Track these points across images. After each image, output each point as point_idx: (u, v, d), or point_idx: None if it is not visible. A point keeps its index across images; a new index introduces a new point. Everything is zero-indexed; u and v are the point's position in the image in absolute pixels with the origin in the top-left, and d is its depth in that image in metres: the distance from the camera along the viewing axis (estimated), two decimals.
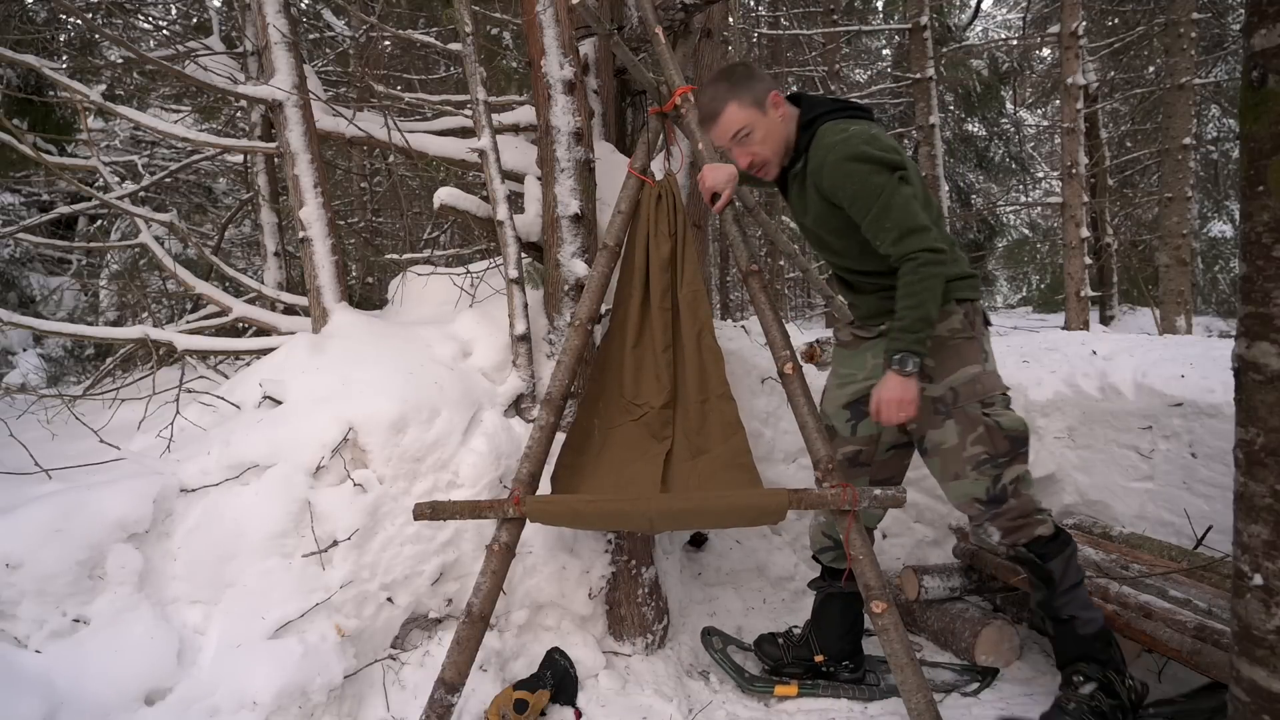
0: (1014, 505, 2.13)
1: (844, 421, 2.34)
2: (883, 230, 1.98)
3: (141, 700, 1.98)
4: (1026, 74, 13.07)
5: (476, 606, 2.16)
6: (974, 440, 2.11)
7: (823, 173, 2.04)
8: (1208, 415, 2.74)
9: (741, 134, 2.12)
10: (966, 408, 2.12)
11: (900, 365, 1.99)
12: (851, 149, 1.98)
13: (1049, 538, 2.15)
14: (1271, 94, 1.34)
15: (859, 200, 1.99)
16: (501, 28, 5.27)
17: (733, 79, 2.13)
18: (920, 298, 1.96)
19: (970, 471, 2.12)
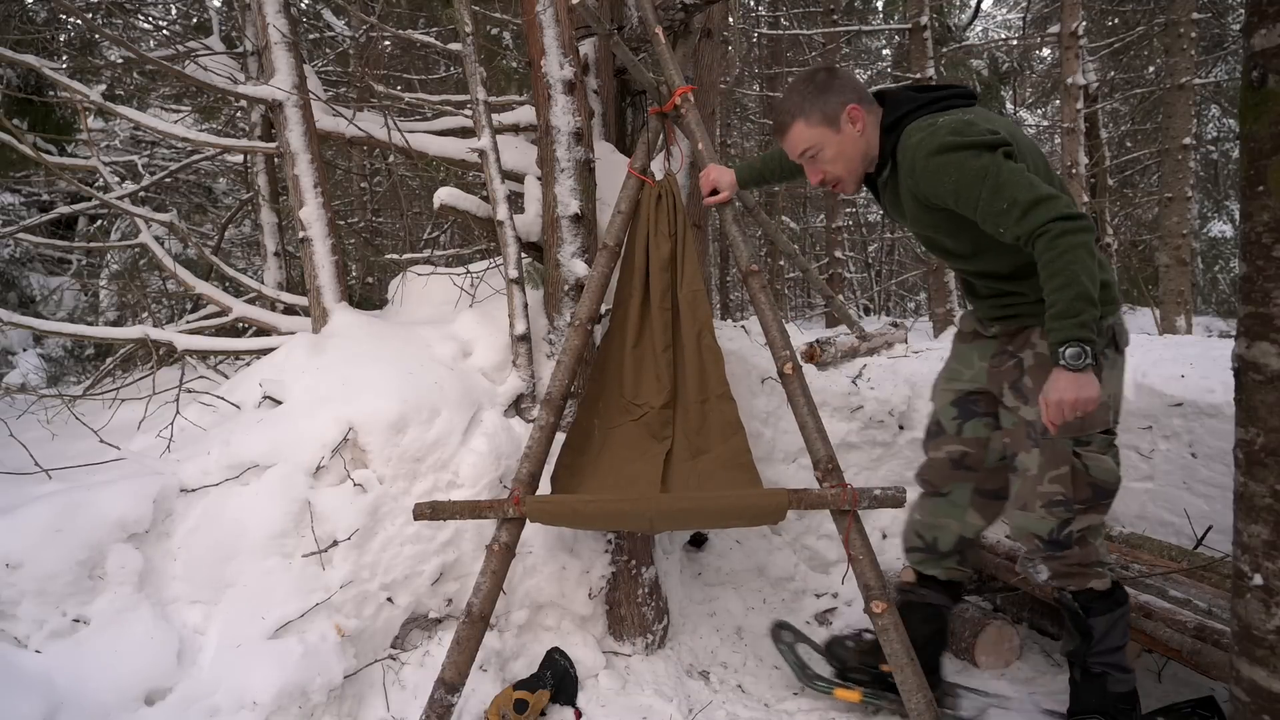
0: (1075, 553, 1.97)
1: (950, 419, 2.22)
2: (1001, 214, 1.71)
3: (141, 700, 1.97)
4: (1026, 74, 13.07)
5: (476, 606, 2.16)
6: (1053, 478, 1.94)
7: (916, 177, 1.85)
8: (1208, 415, 2.74)
9: (808, 154, 1.99)
10: (1056, 441, 1.92)
11: (1070, 360, 1.69)
12: (939, 141, 1.78)
13: (1101, 593, 2.00)
14: (1271, 94, 1.34)
15: (963, 192, 1.76)
16: (501, 28, 5.27)
17: (805, 91, 1.96)
18: (1068, 274, 1.65)
19: (1040, 508, 1.96)
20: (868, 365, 3.55)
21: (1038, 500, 1.96)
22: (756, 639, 2.90)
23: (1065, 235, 1.65)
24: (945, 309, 8.91)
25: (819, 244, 13.52)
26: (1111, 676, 2.03)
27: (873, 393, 3.30)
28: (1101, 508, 1.97)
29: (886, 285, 13.99)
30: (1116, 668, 2.03)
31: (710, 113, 3.75)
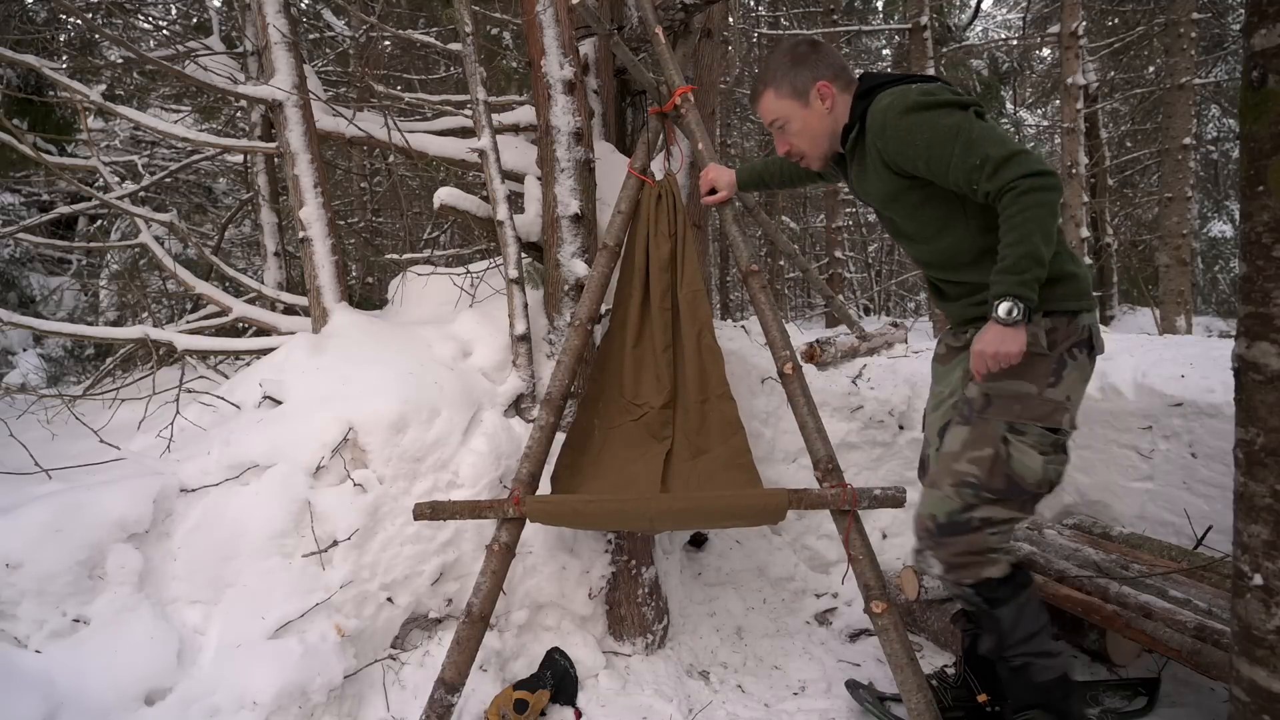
0: (963, 540, 1.82)
1: (935, 450, 2.08)
2: (974, 170, 1.67)
3: (141, 700, 1.97)
4: (1026, 74, 13.07)
5: (476, 606, 2.16)
6: (972, 459, 1.82)
7: (885, 135, 1.79)
8: (1208, 415, 2.74)
9: (776, 124, 1.99)
10: (991, 420, 1.82)
11: (1002, 314, 1.66)
12: (910, 100, 1.75)
13: (1000, 579, 1.84)
14: (1271, 94, 1.34)
15: (935, 150, 1.71)
16: (501, 28, 5.27)
17: (781, 62, 1.95)
18: (1023, 230, 1.62)
19: (949, 486, 1.84)
20: (868, 365, 3.54)
21: (948, 479, 1.84)
22: (756, 639, 2.90)
23: (1032, 192, 1.62)
24: None
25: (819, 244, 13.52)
26: (1035, 665, 1.89)
27: (873, 393, 3.30)
28: (1013, 504, 1.82)
29: (886, 285, 13.99)
30: (1038, 654, 1.90)
31: (710, 113, 3.75)
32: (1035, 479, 1.81)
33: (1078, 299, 1.82)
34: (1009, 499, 1.81)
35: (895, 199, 1.91)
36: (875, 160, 1.87)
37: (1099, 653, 2.63)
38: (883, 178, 1.89)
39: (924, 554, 1.89)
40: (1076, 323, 1.82)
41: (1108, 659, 2.61)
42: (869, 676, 2.63)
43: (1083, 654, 2.72)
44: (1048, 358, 1.80)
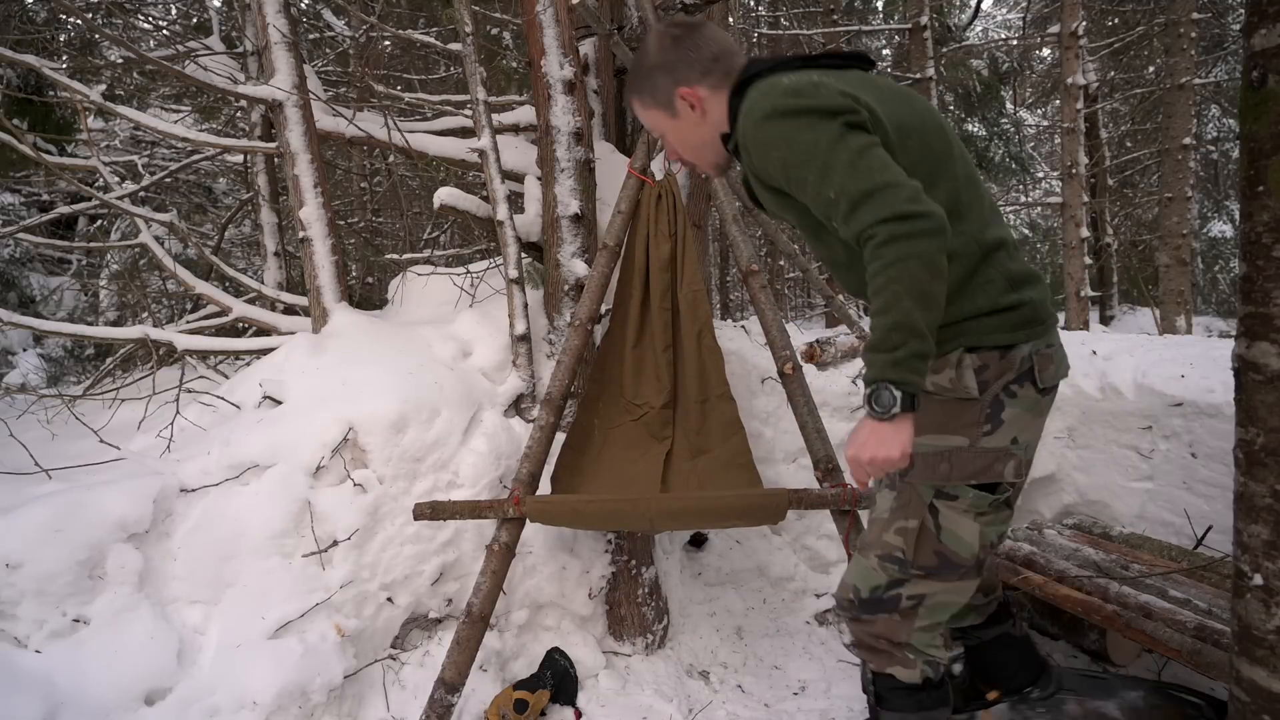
0: (883, 622, 1.58)
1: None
2: (829, 205, 1.35)
3: (141, 700, 1.97)
4: (1026, 74, 13.06)
5: (476, 606, 2.16)
6: (899, 529, 1.54)
7: (745, 145, 1.47)
8: (1208, 415, 2.74)
9: (656, 134, 1.66)
10: (917, 485, 1.52)
11: (875, 403, 1.32)
12: (770, 104, 1.39)
13: (907, 687, 1.60)
14: (1271, 94, 1.34)
15: (791, 170, 1.39)
16: (501, 28, 5.27)
17: (641, 67, 1.59)
18: (888, 295, 1.27)
19: (875, 558, 1.58)
20: None
21: (876, 549, 1.58)
22: (756, 639, 2.90)
23: (893, 242, 1.26)
24: None
25: None
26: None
27: None
28: (951, 578, 1.55)
29: None
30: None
31: None
32: (971, 553, 1.53)
33: (1013, 329, 1.48)
34: (944, 576, 1.55)
35: (788, 212, 1.57)
36: (748, 169, 1.56)
37: (1099, 653, 2.63)
38: (759, 188, 1.57)
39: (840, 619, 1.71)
40: (1012, 356, 1.48)
41: (1108, 659, 2.61)
42: None
43: (1083, 654, 2.72)
44: (977, 402, 1.48)
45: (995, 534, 1.56)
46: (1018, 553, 2.66)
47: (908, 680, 1.60)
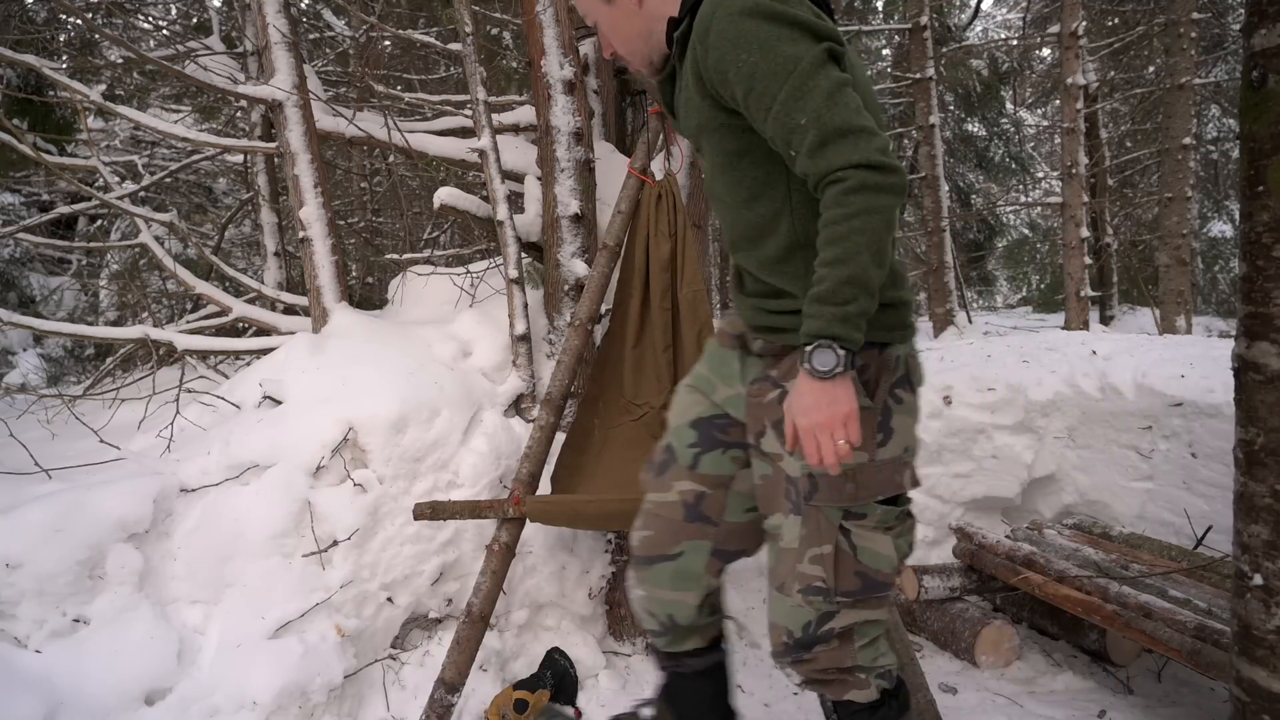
0: (824, 654, 1.49)
1: (686, 445, 1.61)
2: (795, 130, 1.22)
3: (141, 700, 1.98)
4: (1026, 74, 13.06)
5: (476, 606, 2.16)
6: (814, 558, 1.43)
7: (708, 42, 1.28)
8: (1208, 415, 2.74)
9: (590, 22, 1.52)
10: (824, 509, 1.41)
11: (816, 361, 1.20)
12: (743, 13, 1.25)
13: (866, 706, 1.52)
14: (1271, 94, 1.34)
15: (759, 81, 1.24)
16: (501, 28, 5.28)
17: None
18: (848, 245, 1.18)
19: (797, 593, 1.46)
20: None
21: (795, 583, 1.46)
22: (756, 639, 2.90)
23: (864, 191, 1.17)
24: (945, 309, 8.91)
25: None
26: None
27: None
28: (874, 602, 1.47)
29: None
30: None
31: None
32: (892, 567, 1.46)
33: (890, 329, 1.38)
34: (870, 598, 1.46)
35: (708, 133, 1.42)
36: (691, 74, 1.36)
37: (1099, 653, 2.64)
38: (695, 98, 1.39)
39: (785, 667, 1.57)
40: (888, 356, 1.39)
41: (1108, 659, 2.61)
42: None
43: (1083, 654, 2.72)
44: (871, 410, 1.37)
45: (906, 544, 1.49)
46: (1018, 553, 2.66)
47: (866, 700, 1.53)
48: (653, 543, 1.65)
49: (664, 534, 1.64)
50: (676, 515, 1.62)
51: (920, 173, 9.27)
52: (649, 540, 1.66)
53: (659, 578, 1.65)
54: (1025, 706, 2.40)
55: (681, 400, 1.67)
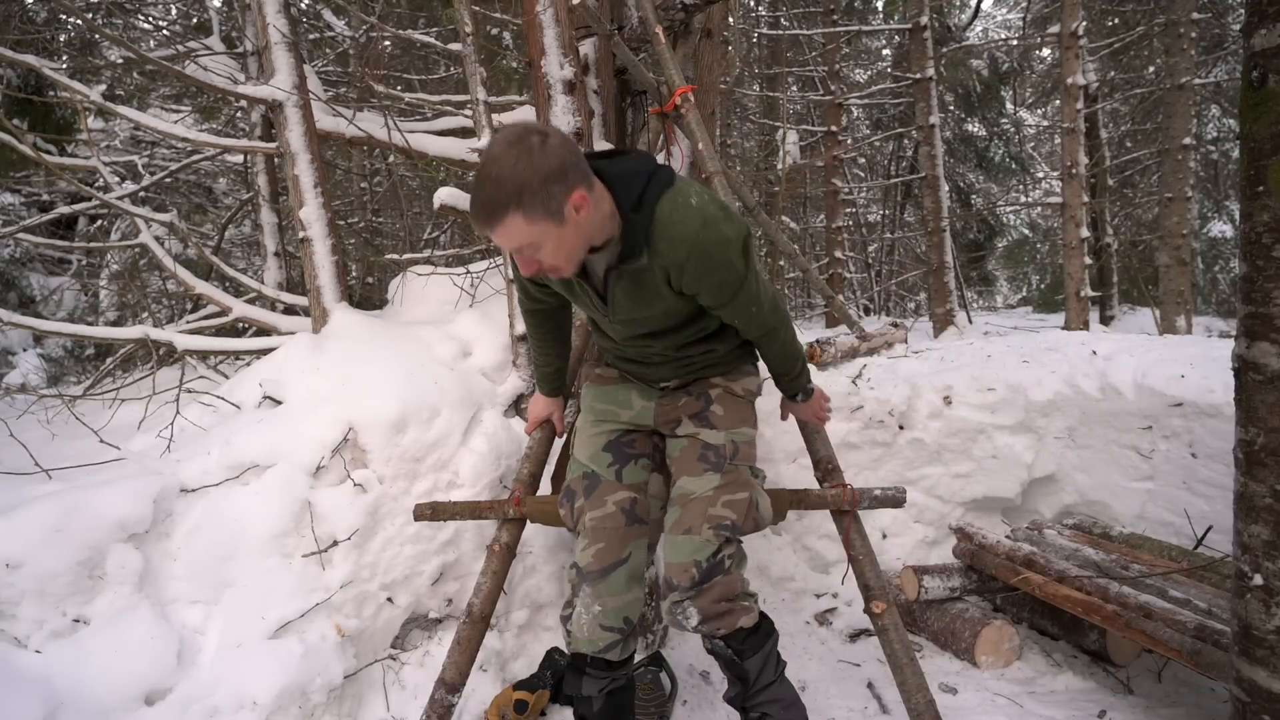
0: (720, 583, 1.80)
1: (606, 465, 1.99)
2: (750, 317, 1.81)
3: (141, 700, 1.97)
4: (1026, 74, 13.07)
5: (477, 607, 2.16)
6: (728, 503, 1.84)
7: (688, 267, 1.65)
8: (1208, 415, 2.74)
9: (524, 250, 1.57)
10: (740, 467, 1.91)
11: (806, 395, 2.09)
12: (716, 234, 1.64)
13: (750, 630, 1.85)
14: (1271, 94, 1.34)
15: (725, 289, 1.71)
16: (501, 28, 5.28)
17: (521, 178, 1.46)
18: (798, 352, 1.98)
19: (707, 530, 1.81)
20: (868, 365, 3.55)
21: (706, 524, 1.81)
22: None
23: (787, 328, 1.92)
24: (945, 309, 8.91)
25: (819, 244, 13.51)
26: (775, 714, 1.90)
27: (873, 393, 3.30)
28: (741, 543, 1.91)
29: (886, 285, 13.99)
30: (778, 702, 1.91)
31: (710, 113, 3.75)
32: (768, 517, 1.94)
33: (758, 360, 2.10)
34: (747, 536, 1.91)
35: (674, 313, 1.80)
36: (659, 279, 1.69)
37: (1099, 653, 2.64)
38: (669, 297, 1.74)
39: (683, 604, 1.81)
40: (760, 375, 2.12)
41: (1108, 659, 2.61)
42: (869, 676, 2.64)
43: (1083, 654, 2.72)
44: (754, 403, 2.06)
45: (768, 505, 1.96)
46: (1018, 553, 2.66)
47: (751, 623, 1.85)
48: (606, 553, 1.90)
49: (613, 542, 1.91)
50: (619, 523, 1.92)
51: (920, 173, 9.27)
52: (602, 552, 1.90)
53: (615, 584, 1.89)
54: (1025, 706, 2.40)
55: (585, 434, 2.06)
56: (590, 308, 1.85)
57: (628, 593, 1.90)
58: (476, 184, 1.51)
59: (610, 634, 1.88)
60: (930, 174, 9.00)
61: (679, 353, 1.94)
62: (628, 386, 2.07)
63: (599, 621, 1.87)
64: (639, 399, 2.04)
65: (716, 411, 1.96)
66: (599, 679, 1.93)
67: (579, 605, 1.89)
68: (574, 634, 1.89)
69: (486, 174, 1.48)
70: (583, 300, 1.83)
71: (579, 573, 1.90)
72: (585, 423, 2.08)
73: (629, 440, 2.03)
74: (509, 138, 1.49)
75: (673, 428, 2.01)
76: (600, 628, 1.87)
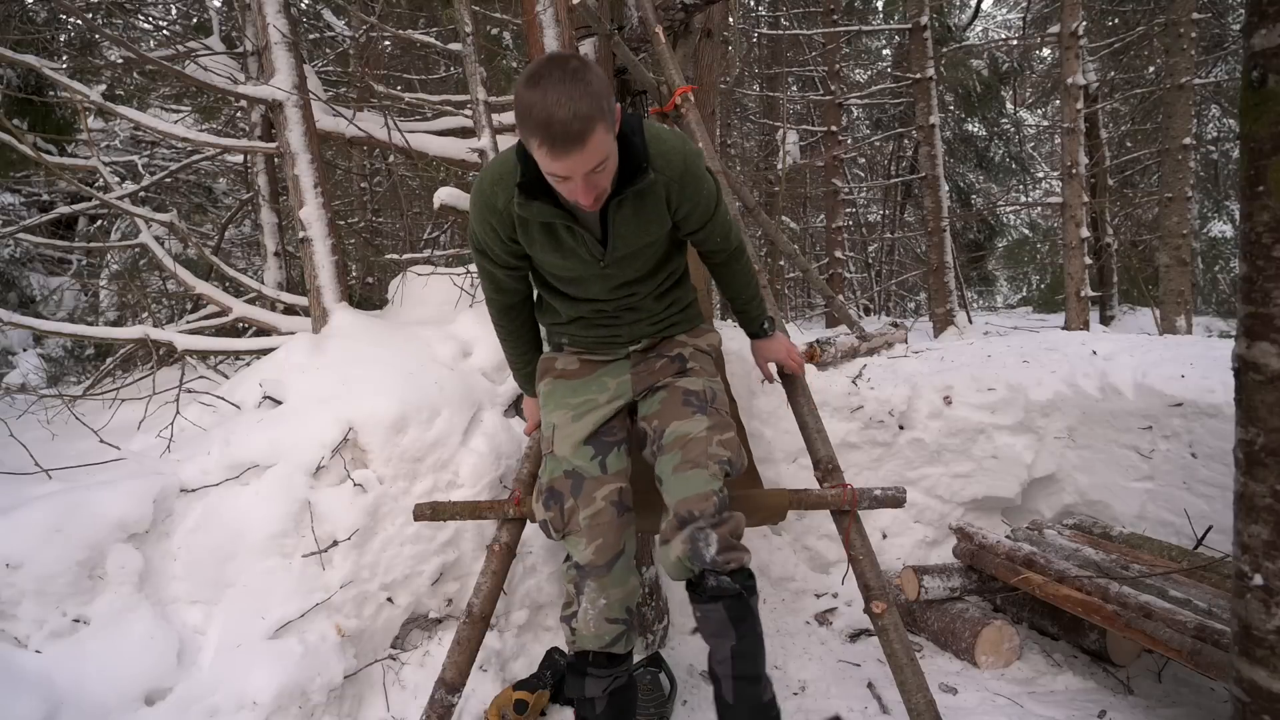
0: (732, 517, 1.83)
1: (589, 459, 1.94)
2: (722, 227, 1.99)
3: (141, 700, 1.98)
4: (1026, 74, 13.07)
5: (477, 607, 2.16)
6: (721, 442, 1.88)
7: (685, 180, 1.79)
8: (1208, 415, 2.74)
9: (601, 166, 1.59)
10: (720, 409, 1.98)
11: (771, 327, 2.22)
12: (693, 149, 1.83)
13: (748, 571, 1.85)
14: (1271, 94, 1.34)
15: (709, 201, 1.89)
16: (501, 28, 5.28)
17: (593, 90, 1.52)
18: (755, 273, 2.16)
19: (714, 465, 1.84)
20: (868, 365, 3.55)
21: (710, 460, 1.84)
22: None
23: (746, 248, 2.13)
24: (945, 309, 8.91)
25: (819, 244, 13.52)
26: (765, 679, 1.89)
27: (873, 393, 3.30)
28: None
29: (886, 285, 14.00)
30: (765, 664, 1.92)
31: (710, 113, 3.75)
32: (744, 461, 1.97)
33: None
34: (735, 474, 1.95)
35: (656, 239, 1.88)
36: (660, 202, 1.79)
37: (1099, 653, 2.64)
38: (659, 218, 1.83)
39: (705, 532, 1.78)
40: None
41: (1108, 659, 2.61)
42: (869, 676, 2.64)
43: (1083, 654, 2.72)
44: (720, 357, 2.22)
45: None
46: (1018, 553, 2.66)
47: (749, 565, 1.85)
48: (606, 547, 1.86)
49: (611, 536, 1.88)
50: (612, 516, 1.89)
51: (920, 173, 9.27)
52: (602, 547, 1.86)
53: (619, 576, 1.87)
54: (1025, 706, 2.40)
55: (564, 431, 1.99)
56: (580, 259, 1.84)
57: (629, 582, 1.90)
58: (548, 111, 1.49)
59: (615, 626, 1.86)
60: (930, 174, 9.01)
61: (656, 303, 2.02)
62: (595, 371, 2.06)
63: (604, 615, 1.85)
64: (611, 378, 2.04)
65: (692, 366, 2.04)
66: (601, 678, 1.92)
67: (584, 602, 1.86)
68: (579, 631, 1.87)
69: (559, 97, 1.49)
70: (572, 253, 1.83)
71: (581, 570, 1.88)
72: (562, 419, 2.01)
73: (608, 428, 2.00)
74: (558, 64, 1.54)
75: (652, 386, 2.03)
76: (606, 620, 1.85)
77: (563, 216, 1.74)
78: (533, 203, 1.72)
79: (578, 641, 1.88)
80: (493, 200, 1.78)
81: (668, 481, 1.86)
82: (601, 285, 1.92)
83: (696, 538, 1.78)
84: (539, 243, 1.81)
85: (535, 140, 1.54)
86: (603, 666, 1.91)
